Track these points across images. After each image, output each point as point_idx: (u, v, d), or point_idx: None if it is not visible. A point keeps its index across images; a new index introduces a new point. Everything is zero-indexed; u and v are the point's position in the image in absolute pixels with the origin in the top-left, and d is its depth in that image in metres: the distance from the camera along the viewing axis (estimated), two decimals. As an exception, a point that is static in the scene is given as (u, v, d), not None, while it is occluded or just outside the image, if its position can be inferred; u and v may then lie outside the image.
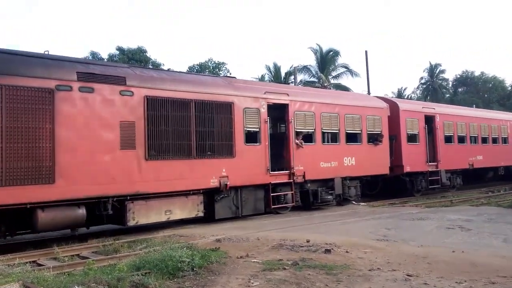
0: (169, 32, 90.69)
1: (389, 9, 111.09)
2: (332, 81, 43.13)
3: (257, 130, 13.78)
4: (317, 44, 44.18)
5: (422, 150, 20.09)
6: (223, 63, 41.53)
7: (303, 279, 6.45)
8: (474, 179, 24.71)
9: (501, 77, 67.66)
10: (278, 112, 15.02)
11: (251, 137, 13.78)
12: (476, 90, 63.35)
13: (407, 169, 19.04)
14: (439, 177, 20.42)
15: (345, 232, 10.63)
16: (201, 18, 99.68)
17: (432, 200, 18.50)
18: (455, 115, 23.04)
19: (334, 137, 16.38)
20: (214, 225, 12.65)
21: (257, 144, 13.73)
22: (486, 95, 62.38)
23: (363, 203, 17.55)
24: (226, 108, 12.95)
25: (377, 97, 20.73)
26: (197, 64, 40.38)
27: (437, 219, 12.36)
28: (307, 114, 15.26)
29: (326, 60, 43.66)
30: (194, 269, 6.86)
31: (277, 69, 43.40)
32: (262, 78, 41.94)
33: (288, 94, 14.92)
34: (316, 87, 22.66)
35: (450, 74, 73.30)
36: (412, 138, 19.87)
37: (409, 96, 60.39)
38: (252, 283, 6.33)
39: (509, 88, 64.95)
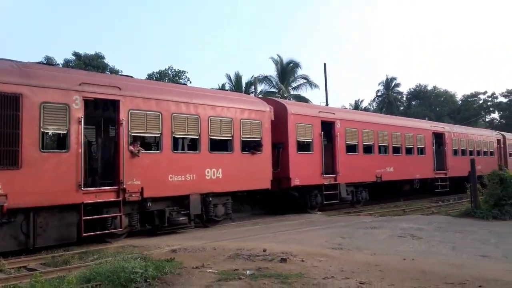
0: (129, 39, 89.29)
1: (349, 22, 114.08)
2: (292, 92, 43.70)
3: (65, 132, 10.67)
4: (278, 55, 44.62)
5: (317, 160, 17.73)
6: (183, 71, 41.10)
7: (258, 288, 6.44)
8: (387, 193, 22.97)
9: (452, 91, 71.16)
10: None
11: (57, 142, 11.18)
12: (428, 103, 66.05)
13: (296, 182, 16.58)
14: (338, 191, 18.41)
15: (301, 241, 10.71)
16: (163, 27, 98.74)
17: (385, 209, 18.96)
18: (361, 122, 20.61)
19: (192, 144, 13.61)
20: (171, 235, 12.48)
21: (64, 151, 10.59)
22: (438, 109, 65.14)
23: (319, 212, 17.77)
24: (9, 101, 9.70)
25: (262, 98, 17.94)
26: (156, 72, 39.84)
27: (390, 227, 12.70)
28: (149, 115, 12.25)
29: (287, 71, 44.18)
30: (148, 280, 6.70)
31: (238, 78, 43.48)
32: (222, 87, 41.89)
33: (120, 88, 11.74)
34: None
35: (405, 87, 76.17)
36: (304, 147, 17.54)
37: (366, 108, 62.10)
38: (207, 293, 6.27)
39: (459, 102, 68.19)
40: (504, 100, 65.25)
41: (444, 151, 26.28)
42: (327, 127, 18.58)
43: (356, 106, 59.73)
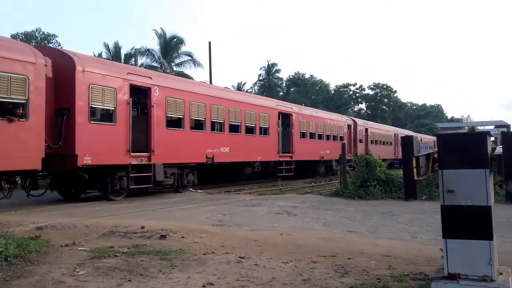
0: (-9, -7, 78.66)
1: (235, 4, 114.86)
2: (175, 68, 42.75)
3: None
4: (161, 28, 43.27)
5: (122, 134, 14.05)
6: (53, 35, 37.57)
7: (136, 265, 6.12)
8: (224, 175, 21.03)
9: (327, 81, 76.54)
10: None
11: None
12: (305, 91, 70.02)
13: (87, 161, 12.90)
14: (152, 174, 15.07)
15: (182, 218, 10.55)
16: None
17: (264, 189, 19.63)
18: (189, 92, 17.24)
19: None
20: (36, 212, 11.36)
21: None
22: (313, 97, 69.43)
23: (200, 191, 17.73)
24: None
25: (36, 46, 12.74)
26: (21, 33, 35.79)
27: (268, 205, 13.14)
28: None
29: (170, 46, 43.08)
30: (8, 259, 5.96)
31: (117, 48, 41.17)
32: (99, 56, 39.30)
33: None
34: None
35: (285, 74, 79.73)
36: (103, 116, 14.36)
37: (248, 91, 63.52)
38: (78, 272, 5.75)
39: (332, 92, 73.63)
40: (371, 92, 72.17)
41: (291, 133, 24.70)
42: (143, 94, 15.49)
43: (239, 88, 60.82)
